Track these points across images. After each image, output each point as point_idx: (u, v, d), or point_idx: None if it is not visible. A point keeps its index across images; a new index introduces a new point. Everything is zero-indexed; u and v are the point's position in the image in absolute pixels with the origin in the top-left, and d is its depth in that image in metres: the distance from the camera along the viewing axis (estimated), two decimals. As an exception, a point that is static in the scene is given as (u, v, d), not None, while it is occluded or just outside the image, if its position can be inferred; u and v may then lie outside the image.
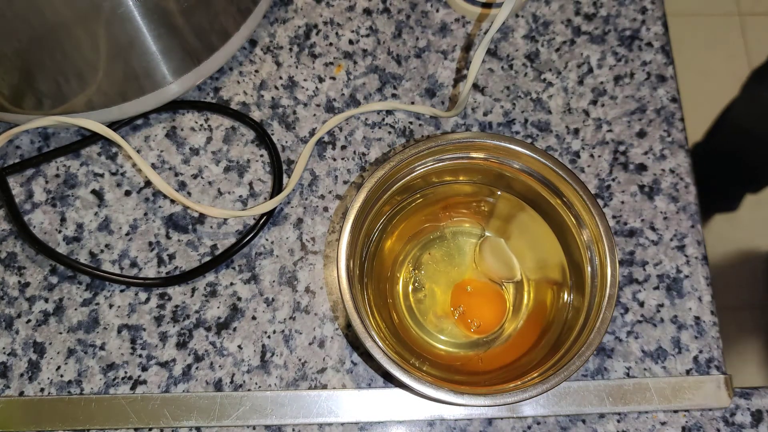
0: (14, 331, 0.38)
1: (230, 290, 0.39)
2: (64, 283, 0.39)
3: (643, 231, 0.40)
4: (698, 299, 0.39)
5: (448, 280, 0.38)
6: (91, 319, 0.38)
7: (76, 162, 0.41)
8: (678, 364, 0.38)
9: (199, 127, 0.43)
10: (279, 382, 0.37)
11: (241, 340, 0.38)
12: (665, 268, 0.40)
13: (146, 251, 0.40)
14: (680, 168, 0.42)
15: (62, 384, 0.37)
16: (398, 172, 0.35)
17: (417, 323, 0.37)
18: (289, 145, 0.42)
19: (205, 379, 0.37)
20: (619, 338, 0.38)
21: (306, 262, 0.40)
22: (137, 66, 0.38)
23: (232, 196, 0.41)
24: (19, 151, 0.42)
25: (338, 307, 0.39)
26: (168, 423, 0.36)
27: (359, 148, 0.42)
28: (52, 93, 0.38)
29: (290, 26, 0.45)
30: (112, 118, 0.41)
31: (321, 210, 0.41)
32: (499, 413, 0.36)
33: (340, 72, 0.44)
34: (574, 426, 0.37)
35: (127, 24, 0.35)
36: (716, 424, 0.37)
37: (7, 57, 0.34)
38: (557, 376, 0.30)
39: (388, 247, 0.38)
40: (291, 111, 0.43)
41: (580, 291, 0.35)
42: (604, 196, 0.41)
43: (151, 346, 0.38)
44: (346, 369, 0.38)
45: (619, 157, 0.42)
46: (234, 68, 0.44)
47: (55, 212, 0.40)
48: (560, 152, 0.42)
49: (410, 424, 0.37)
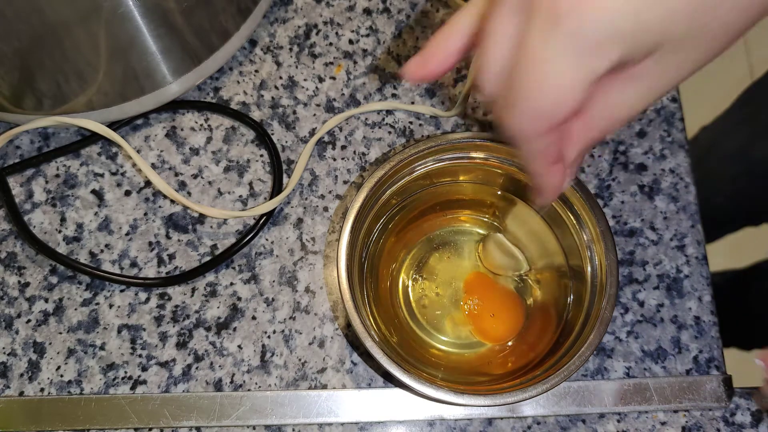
0: (14, 331, 0.38)
1: (230, 290, 0.39)
2: (64, 283, 0.39)
3: (643, 231, 0.40)
4: (698, 299, 0.39)
5: (448, 280, 0.38)
6: (91, 319, 0.38)
7: (76, 162, 0.41)
8: (678, 364, 0.38)
9: (199, 127, 0.43)
10: (279, 382, 0.37)
11: (241, 340, 0.38)
12: (665, 268, 0.40)
13: (146, 251, 0.40)
14: (680, 168, 0.42)
15: (62, 384, 0.37)
16: (398, 172, 0.35)
17: (417, 323, 0.37)
18: (289, 145, 0.42)
19: (205, 379, 0.37)
20: (619, 338, 0.38)
21: (306, 262, 0.40)
22: (137, 66, 0.38)
23: (232, 196, 0.41)
24: (19, 151, 0.42)
25: (338, 307, 0.39)
26: (168, 423, 0.36)
27: (359, 148, 0.42)
28: (52, 93, 0.38)
29: (290, 26, 0.45)
30: (112, 118, 0.41)
31: (321, 210, 0.41)
32: (499, 413, 0.36)
33: (340, 72, 0.44)
34: (574, 426, 0.37)
35: (127, 24, 0.35)
36: (716, 424, 0.37)
37: (7, 57, 0.34)
38: (557, 376, 0.30)
39: (389, 247, 0.38)
40: (291, 111, 0.43)
41: (580, 291, 0.35)
42: (604, 196, 0.41)
43: (151, 346, 0.38)
44: (346, 369, 0.38)
45: (619, 157, 0.42)
46: (234, 68, 0.44)
47: (55, 212, 0.40)
48: (560, 152, 0.42)
49: (410, 424, 0.37)
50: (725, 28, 0.19)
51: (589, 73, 0.19)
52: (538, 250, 0.38)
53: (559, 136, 0.22)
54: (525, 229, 0.38)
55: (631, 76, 0.21)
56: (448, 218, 0.39)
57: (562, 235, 0.37)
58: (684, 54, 0.19)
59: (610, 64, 0.19)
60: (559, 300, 0.36)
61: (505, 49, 0.21)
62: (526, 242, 0.38)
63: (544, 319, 0.36)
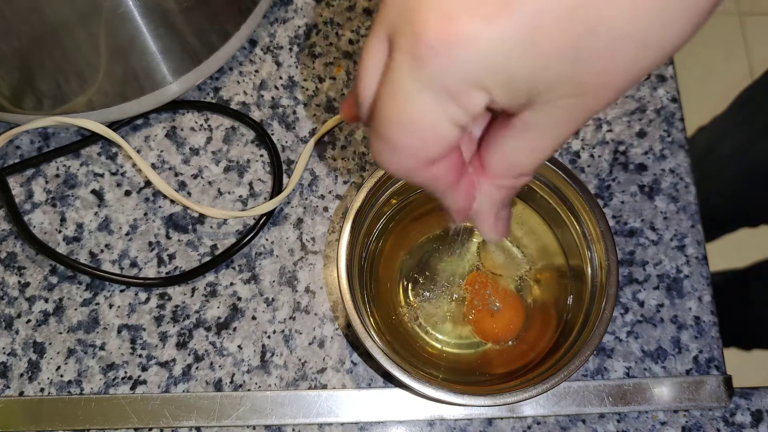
0: (14, 331, 0.38)
1: (230, 290, 0.39)
2: (64, 283, 0.39)
3: (643, 231, 0.40)
4: (698, 299, 0.39)
5: (448, 280, 0.38)
6: (91, 319, 0.38)
7: (76, 162, 0.41)
8: (678, 364, 0.38)
9: (199, 127, 0.43)
10: (279, 382, 0.37)
11: (241, 340, 0.38)
12: (665, 268, 0.40)
13: (146, 251, 0.40)
14: (680, 168, 0.42)
15: (62, 384, 0.37)
16: (398, 172, 0.35)
17: (417, 323, 0.37)
18: (289, 145, 0.42)
19: (205, 379, 0.37)
20: (619, 338, 0.38)
21: (306, 262, 0.40)
22: (137, 66, 0.38)
23: (232, 196, 0.41)
24: (19, 151, 0.42)
25: (338, 307, 0.39)
26: (168, 423, 0.36)
27: (359, 148, 0.42)
28: (52, 93, 0.38)
29: (290, 26, 0.45)
30: (112, 118, 0.41)
31: (321, 210, 0.41)
32: (499, 413, 0.36)
33: (340, 72, 0.44)
34: (574, 426, 0.37)
35: (127, 24, 0.35)
36: (716, 424, 0.37)
37: (7, 57, 0.34)
38: (557, 376, 0.30)
39: (389, 247, 0.38)
40: (291, 111, 0.43)
41: (580, 291, 0.35)
42: (604, 196, 0.41)
43: (151, 346, 0.38)
44: (346, 369, 0.38)
45: (619, 157, 0.42)
46: (234, 68, 0.44)
47: (55, 212, 0.40)
48: (560, 152, 0.42)
49: (410, 424, 0.37)
50: (605, 83, 0.17)
51: (457, 114, 0.18)
52: (538, 250, 0.38)
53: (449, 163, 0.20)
54: (525, 229, 0.38)
55: (516, 125, 0.19)
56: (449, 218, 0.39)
57: (562, 235, 0.37)
58: (564, 105, 0.18)
59: (480, 107, 0.18)
60: (559, 300, 0.36)
61: (374, 78, 0.19)
62: (526, 242, 0.38)
63: (544, 319, 0.36)
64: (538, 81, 0.17)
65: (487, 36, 0.16)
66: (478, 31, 0.16)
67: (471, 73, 0.17)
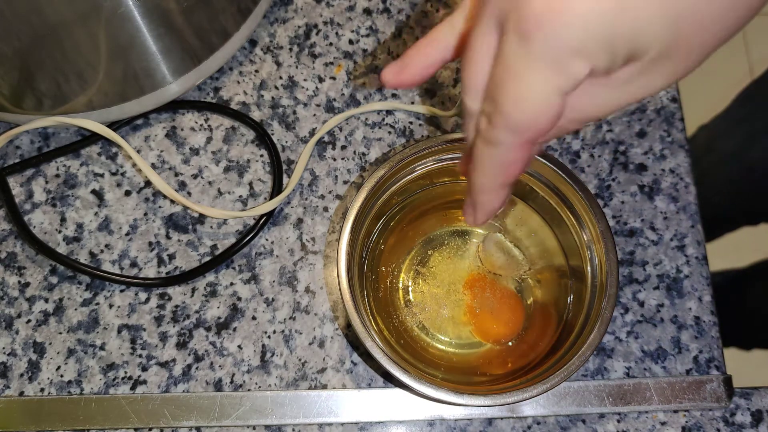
0: (14, 331, 0.38)
1: (230, 290, 0.39)
2: (64, 283, 0.39)
3: (643, 231, 0.40)
4: (698, 299, 0.39)
5: (448, 280, 0.38)
6: (91, 319, 0.38)
7: (76, 162, 0.41)
8: (678, 364, 0.38)
9: (199, 127, 0.43)
10: (279, 382, 0.37)
11: (241, 340, 0.38)
12: (665, 268, 0.40)
13: (146, 251, 0.40)
14: (680, 168, 0.42)
15: (62, 384, 0.37)
16: (398, 172, 0.35)
17: (417, 323, 0.37)
18: (289, 145, 0.42)
19: (205, 379, 0.37)
20: (619, 338, 0.38)
21: (306, 262, 0.40)
22: (137, 66, 0.38)
23: (232, 196, 0.41)
24: (19, 151, 0.42)
25: (338, 307, 0.39)
26: (168, 423, 0.36)
27: (359, 148, 0.42)
28: (52, 93, 0.38)
29: (290, 26, 0.45)
30: (112, 118, 0.41)
31: (321, 210, 0.41)
32: (499, 413, 0.37)
33: (340, 72, 0.44)
34: (574, 426, 0.37)
35: (127, 24, 0.35)
36: (716, 424, 0.37)
37: (7, 57, 0.34)
38: (557, 376, 0.30)
39: (389, 247, 0.38)
40: (291, 111, 0.43)
41: (580, 291, 0.35)
42: (604, 196, 0.41)
43: (151, 346, 0.38)
44: (346, 369, 0.38)
45: (619, 157, 0.42)
46: (234, 68, 0.44)
47: (55, 212, 0.40)
48: (560, 152, 0.42)
49: (410, 424, 0.37)
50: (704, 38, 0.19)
51: (564, 84, 0.19)
52: (538, 250, 0.38)
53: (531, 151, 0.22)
54: (525, 229, 0.38)
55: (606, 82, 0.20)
56: (448, 218, 0.39)
57: (562, 235, 0.37)
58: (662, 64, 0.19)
59: (584, 74, 0.19)
60: (559, 300, 0.36)
61: (485, 65, 0.21)
62: (526, 242, 0.38)
63: (544, 319, 0.36)
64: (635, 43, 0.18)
65: (588, 4, 0.18)
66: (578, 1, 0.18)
67: (574, 41, 0.18)
